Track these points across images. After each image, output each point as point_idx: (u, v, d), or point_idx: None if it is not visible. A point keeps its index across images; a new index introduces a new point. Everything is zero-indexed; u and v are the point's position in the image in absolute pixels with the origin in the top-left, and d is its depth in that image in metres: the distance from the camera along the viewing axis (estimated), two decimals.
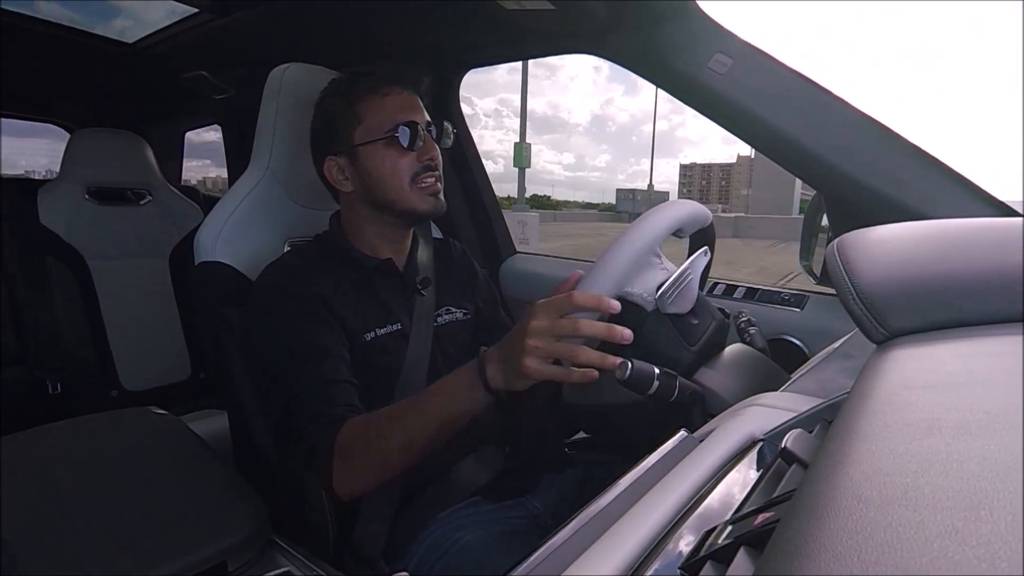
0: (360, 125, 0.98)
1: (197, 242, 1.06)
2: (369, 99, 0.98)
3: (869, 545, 0.20)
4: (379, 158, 0.98)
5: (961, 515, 0.20)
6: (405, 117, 0.97)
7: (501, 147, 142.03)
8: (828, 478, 0.26)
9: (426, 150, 0.98)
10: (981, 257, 0.47)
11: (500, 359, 0.72)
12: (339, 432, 0.81)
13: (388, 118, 0.97)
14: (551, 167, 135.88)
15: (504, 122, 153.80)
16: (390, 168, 0.97)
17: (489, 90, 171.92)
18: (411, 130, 0.97)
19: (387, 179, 0.98)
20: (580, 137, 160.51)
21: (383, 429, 0.80)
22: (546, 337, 0.67)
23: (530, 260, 1.84)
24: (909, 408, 0.30)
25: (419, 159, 0.98)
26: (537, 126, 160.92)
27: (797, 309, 1.28)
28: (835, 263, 0.50)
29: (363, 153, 0.98)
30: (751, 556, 0.32)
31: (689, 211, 0.89)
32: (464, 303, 1.13)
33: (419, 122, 0.98)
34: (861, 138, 1.04)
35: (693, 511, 0.41)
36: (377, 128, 0.97)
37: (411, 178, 0.98)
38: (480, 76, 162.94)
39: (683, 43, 1.14)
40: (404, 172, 0.98)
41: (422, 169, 0.98)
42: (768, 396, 0.65)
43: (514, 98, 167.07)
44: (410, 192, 0.98)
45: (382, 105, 0.98)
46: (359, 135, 0.98)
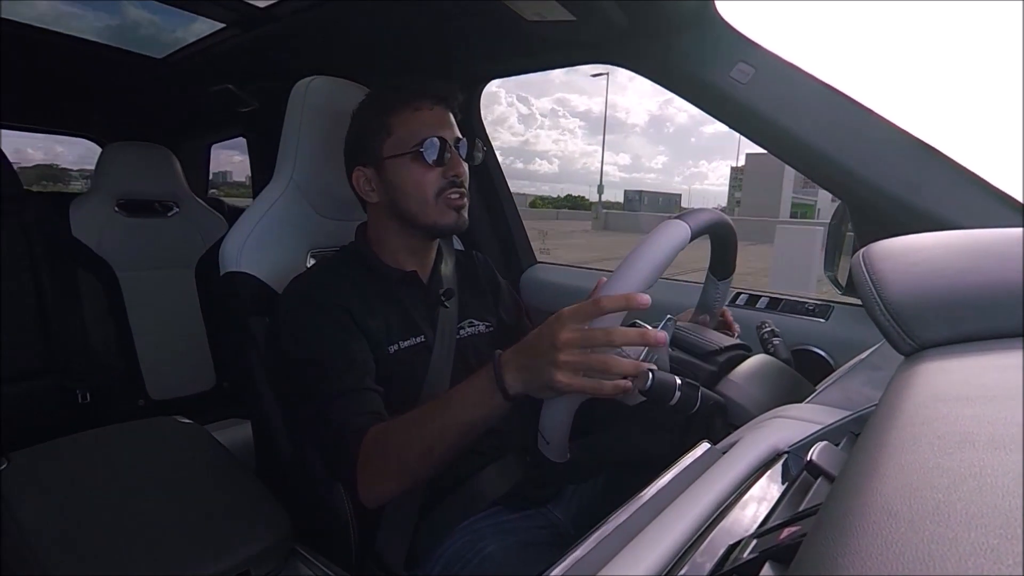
0: (389, 138, 0.99)
1: (222, 253, 1.08)
2: (400, 112, 0.99)
3: (900, 562, 0.19)
4: (405, 171, 0.98)
5: (996, 532, 0.19)
6: (433, 132, 0.98)
7: (556, 147, 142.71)
8: (856, 492, 0.25)
9: (452, 166, 0.98)
10: (1013, 267, 0.46)
11: (520, 366, 0.71)
12: (363, 440, 0.82)
13: (417, 132, 0.98)
14: (606, 168, 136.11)
15: (560, 122, 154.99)
16: (415, 182, 0.98)
17: (546, 90, 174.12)
18: (439, 145, 0.97)
19: (412, 193, 0.98)
20: (637, 138, 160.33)
21: (402, 437, 0.80)
22: (578, 350, 0.66)
23: (551, 270, 1.84)
24: (940, 421, 0.30)
25: (444, 175, 0.98)
26: (593, 127, 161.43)
27: (822, 319, 1.26)
28: (861, 273, 0.49)
29: (390, 166, 0.99)
30: (777, 571, 0.31)
31: (708, 219, 0.87)
32: (487, 316, 1.14)
33: (448, 138, 0.98)
34: (886, 146, 1.03)
35: (716, 524, 0.40)
36: (405, 142, 0.98)
37: (436, 193, 0.98)
38: (537, 76, 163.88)
39: (705, 53, 1.13)
40: (429, 187, 0.98)
41: (447, 185, 0.98)
42: (793, 408, 0.64)
43: (571, 98, 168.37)
44: (434, 206, 0.99)
45: (412, 119, 0.99)
46: (388, 147, 0.99)
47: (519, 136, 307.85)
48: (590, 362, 0.66)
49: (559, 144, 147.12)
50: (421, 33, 1.44)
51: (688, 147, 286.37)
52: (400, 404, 0.95)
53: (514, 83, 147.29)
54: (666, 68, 1.20)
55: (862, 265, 0.50)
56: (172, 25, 1.75)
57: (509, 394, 0.72)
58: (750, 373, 0.89)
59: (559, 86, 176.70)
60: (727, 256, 0.97)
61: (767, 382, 0.88)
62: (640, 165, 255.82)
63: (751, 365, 0.91)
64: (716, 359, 0.88)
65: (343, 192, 1.09)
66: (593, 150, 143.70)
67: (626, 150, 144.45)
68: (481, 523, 0.93)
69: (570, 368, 0.66)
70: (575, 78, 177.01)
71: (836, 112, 1.06)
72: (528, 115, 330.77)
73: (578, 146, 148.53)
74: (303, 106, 1.14)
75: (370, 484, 0.82)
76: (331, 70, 1.20)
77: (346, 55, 1.61)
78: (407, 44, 1.51)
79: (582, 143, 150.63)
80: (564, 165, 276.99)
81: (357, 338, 0.93)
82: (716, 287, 1.02)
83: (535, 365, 0.69)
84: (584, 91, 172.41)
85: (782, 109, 1.08)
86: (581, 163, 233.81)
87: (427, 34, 1.44)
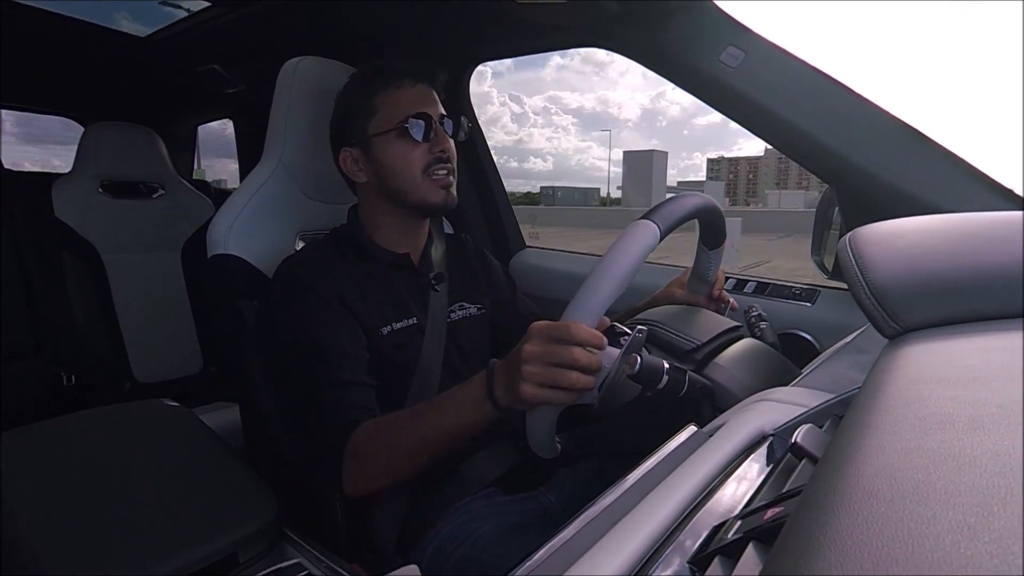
0: (374, 117, 1.00)
1: (209, 235, 1.07)
2: (383, 91, 1.00)
3: (879, 540, 0.19)
4: (392, 149, 0.99)
5: (973, 510, 0.19)
6: (418, 109, 0.99)
7: (550, 144, 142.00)
8: (838, 473, 0.26)
9: (438, 142, 0.99)
10: (994, 251, 0.46)
11: (504, 380, 0.73)
12: (351, 436, 0.83)
13: (401, 110, 0.99)
14: (600, 163, 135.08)
15: (553, 119, 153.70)
16: (402, 158, 0.99)
17: (538, 88, 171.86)
18: (423, 122, 0.98)
19: (399, 170, 0.99)
20: (630, 132, 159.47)
21: (392, 437, 0.81)
22: (541, 363, 0.67)
23: (540, 255, 1.84)
24: (921, 403, 0.30)
25: (431, 151, 0.99)
26: (586, 123, 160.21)
27: (808, 304, 1.27)
28: (847, 257, 0.49)
29: (376, 144, 1.00)
30: (760, 551, 0.31)
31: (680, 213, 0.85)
32: (478, 298, 1.14)
33: (432, 114, 0.99)
34: (874, 131, 1.03)
35: (702, 506, 0.41)
36: (390, 119, 0.99)
37: (423, 169, 0.99)
38: (529, 74, 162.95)
39: (694, 36, 1.13)
40: (416, 163, 0.99)
41: (434, 160, 0.99)
42: (778, 391, 0.65)
43: (563, 95, 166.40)
44: (422, 183, 0.99)
45: (396, 97, 1.00)
46: (373, 126, 1.00)
47: (512, 135, 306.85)
48: (552, 376, 0.67)
49: (552, 142, 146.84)
50: (411, 14, 1.42)
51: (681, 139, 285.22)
52: (393, 386, 0.95)
53: (506, 82, 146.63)
54: (656, 52, 1.19)
55: (848, 249, 0.50)
56: (157, 3, 1.72)
57: (500, 404, 0.73)
58: (737, 357, 0.89)
59: (551, 84, 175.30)
60: (715, 226, 0.98)
61: (754, 366, 0.88)
62: None
63: (738, 349, 0.91)
64: (694, 357, 0.88)
65: (332, 174, 1.08)
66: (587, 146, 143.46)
67: (619, 145, 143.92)
68: (474, 505, 0.94)
69: (534, 380, 0.68)
70: (567, 75, 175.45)
71: (825, 97, 1.06)
72: (521, 114, 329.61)
73: (572, 143, 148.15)
74: (291, 87, 1.12)
75: (355, 479, 0.83)
76: (319, 51, 1.19)
77: (334, 36, 1.59)
78: (397, 25, 1.50)
79: (576, 140, 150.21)
80: (558, 162, 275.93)
81: (349, 326, 0.93)
82: (708, 256, 1.04)
83: (511, 378, 0.70)
84: (576, 88, 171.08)
85: (771, 93, 1.08)
86: (575, 160, 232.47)
87: (417, 15, 1.42)
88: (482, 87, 58.05)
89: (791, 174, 53.86)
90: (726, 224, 0.98)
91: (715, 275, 1.08)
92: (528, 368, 0.67)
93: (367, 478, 0.83)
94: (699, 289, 1.10)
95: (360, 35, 1.55)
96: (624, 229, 0.77)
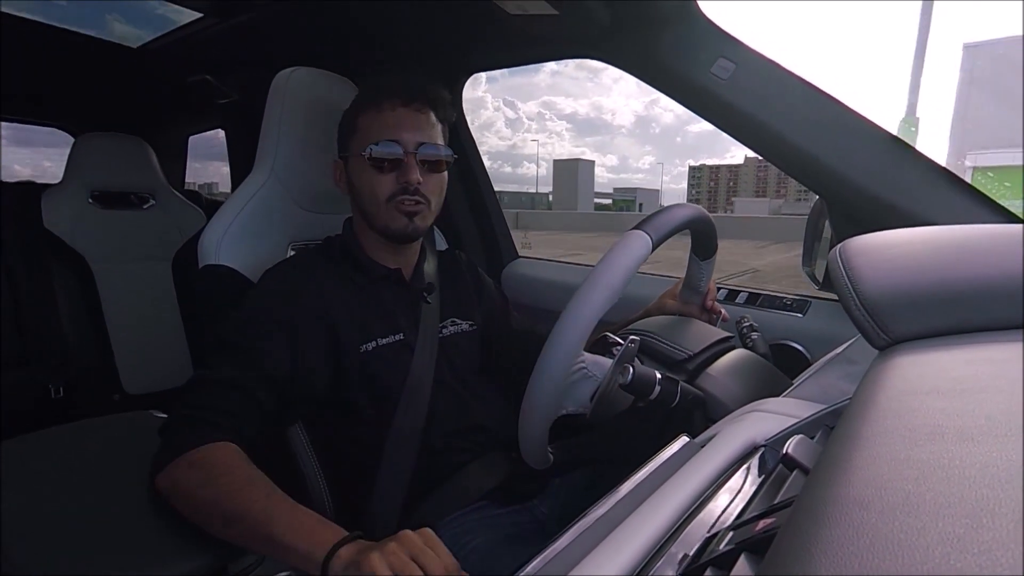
0: (355, 135, 0.99)
1: (201, 246, 1.06)
2: (367, 110, 0.98)
3: (870, 552, 0.19)
4: (361, 171, 0.97)
5: (962, 522, 0.19)
6: (391, 135, 0.95)
7: (544, 150, 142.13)
8: (829, 484, 0.26)
9: (404, 172, 0.95)
10: (984, 263, 0.47)
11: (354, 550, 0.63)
12: (204, 445, 0.76)
13: (374, 134, 0.96)
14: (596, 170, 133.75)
15: (547, 125, 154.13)
16: (368, 183, 0.97)
17: (532, 93, 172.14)
18: (391, 149, 0.95)
19: (365, 194, 0.98)
20: (624, 139, 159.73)
21: (224, 490, 0.71)
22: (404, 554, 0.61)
23: (532, 265, 1.84)
24: (911, 414, 0.30)
25: (397, 180, 0.96)
26: (580, 128, 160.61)
27: (799, 315, 1.28)
28: (838, 269, 0.50)
29: (352, 163, 0.99)
30: (752, 562, 0.31)
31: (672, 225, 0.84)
32: (470, 315, 1.13)
33: (407, 141, 0.96)
34: (864, 144, 1.04)
35: (694, 517, 0.41)
36: (363, 142, 0.96)
37: (388, 198, 0.96)
38: (522, 79, 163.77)
39: (686, 48, 1.14)
40: (381, 190, 0.96)
41: (399, 191, 0.96)
42: (770, 402, 0.65)
43: (557, 100, 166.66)
44: (385, 210, 0.97)
45: (375, 119, 0.97)
46: (353, 145, 0.99)
47: (506, 140, 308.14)
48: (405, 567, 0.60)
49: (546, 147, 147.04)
50: (403, 24, 1.43)
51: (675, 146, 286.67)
52: (381, 402, 0.94)
53: (500, 87, 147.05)
54: (648, 64, 1.20)
55: (839, 261, 0.50)
56: (148, 14, 1.72)
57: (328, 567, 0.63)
58: (729, 368, 0.90)
59: (545, 89, 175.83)
60: (707, 237, 0.98)
61: (745, 376, 0.89)
62: (627, 166, 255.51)
63: (730, 360, 0.92)
64: (686, 367, 0.88)
65: (325, 185, 1.08)
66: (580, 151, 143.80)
67: (613, 151, 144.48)
68: (467, 518, 0.93)
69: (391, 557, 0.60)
70: (561, 80, 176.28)
71: (815, 109, 1.07)
72: (515, 119, 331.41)
73: (565, 148, 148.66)
74: (284, 97, 1.12)
75: (174, 486, 0.75)
76: (312, 61, 1.19)
77: (327, 46, 1.59)
78: (389, 35, 1.50)
79: (569, 145, 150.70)
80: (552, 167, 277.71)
81: (297, 346, 0.89)
82: (699, 266, 1.05)
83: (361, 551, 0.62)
84: (570, 93, 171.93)
85: (762, 105, 1.09)
86: None
87: (409, 25, 1.43)
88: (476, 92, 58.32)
89: (770, 182, 55.23)
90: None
91: (707, 286, 1.09)
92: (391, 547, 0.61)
93: (182, 495, 0.74)
94: (691, 300, 1.10)
95: (353, 45, 1.56)
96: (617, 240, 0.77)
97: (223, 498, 0.70)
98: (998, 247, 0.49)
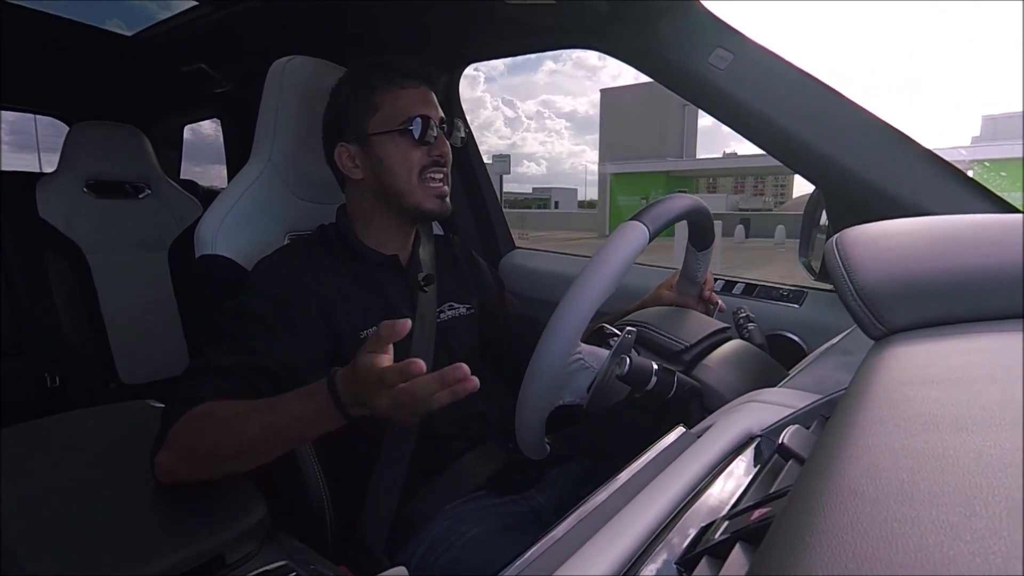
0: (376, 114, 0.99)
1: (197, 235, 1.06)
2: (387, 89, 0.99)
3: (864, 540, 0.20)
4: (392, 147, 0.98)
5: (956, 510, 0.20)
6: (420, 111, 0.98)
7: (543, 148, 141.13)
8: (824, 474, 0.26)
9: (437, 145, 0.99)
10: (980, 253, 0.47)
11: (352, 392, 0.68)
12: (188, 411, 0.76)
13: (404, 110, 0.98)
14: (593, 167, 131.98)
15: (546, 124, 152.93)
16: (401, 158, 0.98)
17: (531, 92, 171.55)
18: (424, 124, 0.97)
19: (397, 169, 0.98)
20: None
21: (226, 425, 0.75)
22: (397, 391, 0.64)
23: (530, 256, 1.84)
24: (906, 404, 0.30)
25: (429, 153, 0.99)
26: (579, 126, 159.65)
27: (796, 305, 1.28)
28: (834, 259, 0.50)
29: (376, 142, 0.99)
30: (747, 551, 0.32)
31: (669, 215, 0.85)
32: (467, 298, 1.14)
33: (432, 117, 0.99)
34: (861, 134, 1.04)
35: (690, 506, 0.41)
36: (392, 118, 0.98)
37: (420, 171, 0.98)
38: (521, 78, 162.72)
39: (683, 38, 1.13)
40: (414, 164, 0.98)
41: (431, 163, 0.99)
42: (766, 392, 0.65)
43: (556, 99, 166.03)
44: (418, 186, 0.99)
45: (399, 96, 0.99)
46: (374, 124, 0.99)
47: (506, 139, 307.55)
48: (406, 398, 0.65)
49: (546, 146, 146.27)
50: (400, 13, 1.42)
51: None
52: None
53: (499, 87, 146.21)
54: (645, 53, 1.20)
55: (835, 251, 0.50)
56: (144, 1, 1.70)
57: (349, 414, 0.69)
58: (725, 358, 0.90)
59: (544, 87, 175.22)
60: (704, 228, 0.99)
61: (742, 367, 0.89)
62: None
63: (726, 350, 0.92)
64: (683, 358, 0.89)
65: (322, 174, 1.07)
66: (580, 150, 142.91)
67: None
68: (464, 507, 0.93)
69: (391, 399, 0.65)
70: (559, 79, 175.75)
71: (812, 99, 1.06)
72: (514, 118, 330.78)
73: (565, 146, 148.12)
74: (280, 86, 1.12)
75: (173, 456, 0.76)
76: (308, 50, 1.18)
77: (323, 35, 1.58)
78: (386, 25, 1.49)
79: (569, 143, 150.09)
80: (552, 166, 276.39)
81: (292, 336, 0.88)
82: (696, 257, 1.05)
83: (363, 392, 0.66)
84: (569, 91, 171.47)
85: (759, 95, 1.08)
86: (569, 163, 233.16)
87: (406, 14, 1.42)
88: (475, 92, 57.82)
89: (747, 179, 55.50)
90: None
91: (704, 276, 1.09)
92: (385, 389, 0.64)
93: (183, 459, 0.75)
94: (688, 291, 1.10)
95: (349, 34, 1.55)
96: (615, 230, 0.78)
97: (224, 437, 0.73)
98: (994, 237, 0.49)
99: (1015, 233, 0.47)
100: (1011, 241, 0.46)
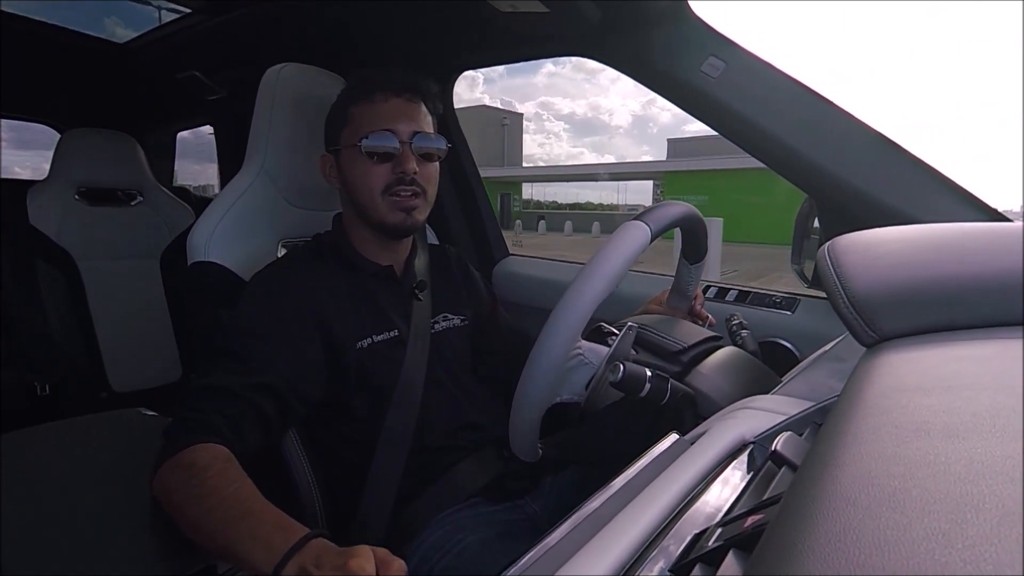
0: (347, 127, 0.98)
1: (190, 243, 1.05)
2: (360, 101, 0.98)
3: (857, 547, 0.20)
4: (355, 163, 0.97)
5: (948, 517, 0.20)
6: (385, 125, 0.95)
7: (542, 151, 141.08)
8: (817, 481, 0.26)
9: (400, 162, 0.95)
10: (972, 261, 0.47)
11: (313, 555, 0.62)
12: (197, 445, 0.74)
13: (368, 123, 0.95)
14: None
15: (545, 125, 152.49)
16: (362, 175, 0.96)
17: (530, 94, 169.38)
18: (389, 140, 0.94)
19: (359, 186, 0.97)
20: (621, 139, 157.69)
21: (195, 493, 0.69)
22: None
23: (523, 263, 1.84)
24: (898, 411, 0.31)
25: (393, 171, 0.95)
26: (579, 129, 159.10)
27: (788, 312, 1.28)
28: (826, 267, 0.50)
29: (345, 155, 0.98)
30: (740, 558, 0.32)
31: (670, 217, 0.86)
32: (461, 309, 1.13)
33: (401, 131, 0.96)
34: (853, 142, 1.05)
35: (683, 513, 0.41)
36: (357, 132, 0.96)
37: (383, 189, 0.96)
38: (520, 80, 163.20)
39: (676, 46, 1.14)
40: (376, 181, 0.95)
41: (395, 181, 0.96)
42: (759, 399, 0.65)
43: (555, 101, 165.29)
44: (381, 203, 0.96)
45: (369, 110, 0.97)
46: (344, 137, 0.98)
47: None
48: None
49: (544, 147, 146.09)
50: (394, 21, 1.42)
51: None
52: (372, 399, 0.94)
53: (498, 88, 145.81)
54: (638, 62, 1.21)
55: (827, 258, 0.51)
56: (135, 10, 1.71)
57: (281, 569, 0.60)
58: (718, 365, 0.90)
59: (543, 89, 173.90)
60: (698, 241, 0.99)
61: (735, 374, 0.89)
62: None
63: (720, 357, 0.92)
64: (680, 359, 0.89)
65: (315, 181, 1.07)
66: (579, 152, 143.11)
67: (611, 151, 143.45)
68: (458, 515, 0.93)
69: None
70: (558, 81, 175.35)
71: (804, 108, 1.07)
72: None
73: (563, 148, 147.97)
74: (274, 93, 1.12)
75: (160, 490, 0.74)
76: (301, 57, 1.18)
77: (317, 43, 1.58)
78: (379, 32, 1.49)
79: (567, 145, 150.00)
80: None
81: (294, 351, 0.87)
82: (689, 270, 1.06)
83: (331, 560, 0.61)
84: (568, 94, 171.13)
85: (751, 104, 1.09)
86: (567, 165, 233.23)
87: (400, 22, 1.42)
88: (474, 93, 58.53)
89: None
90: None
91: (695, 290, 1.10)
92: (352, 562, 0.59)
93: (170, 496, 0.72)
94: (679, 305, 1.11)
95: (343, 42, 1.55)
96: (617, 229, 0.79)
97: (189, 505, 0.69)
98: (985, 245, 0.50)
99: (1006, 241, 0.47)
100: (1002, 249, 0.47)
